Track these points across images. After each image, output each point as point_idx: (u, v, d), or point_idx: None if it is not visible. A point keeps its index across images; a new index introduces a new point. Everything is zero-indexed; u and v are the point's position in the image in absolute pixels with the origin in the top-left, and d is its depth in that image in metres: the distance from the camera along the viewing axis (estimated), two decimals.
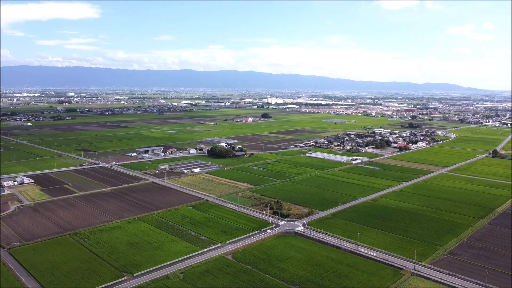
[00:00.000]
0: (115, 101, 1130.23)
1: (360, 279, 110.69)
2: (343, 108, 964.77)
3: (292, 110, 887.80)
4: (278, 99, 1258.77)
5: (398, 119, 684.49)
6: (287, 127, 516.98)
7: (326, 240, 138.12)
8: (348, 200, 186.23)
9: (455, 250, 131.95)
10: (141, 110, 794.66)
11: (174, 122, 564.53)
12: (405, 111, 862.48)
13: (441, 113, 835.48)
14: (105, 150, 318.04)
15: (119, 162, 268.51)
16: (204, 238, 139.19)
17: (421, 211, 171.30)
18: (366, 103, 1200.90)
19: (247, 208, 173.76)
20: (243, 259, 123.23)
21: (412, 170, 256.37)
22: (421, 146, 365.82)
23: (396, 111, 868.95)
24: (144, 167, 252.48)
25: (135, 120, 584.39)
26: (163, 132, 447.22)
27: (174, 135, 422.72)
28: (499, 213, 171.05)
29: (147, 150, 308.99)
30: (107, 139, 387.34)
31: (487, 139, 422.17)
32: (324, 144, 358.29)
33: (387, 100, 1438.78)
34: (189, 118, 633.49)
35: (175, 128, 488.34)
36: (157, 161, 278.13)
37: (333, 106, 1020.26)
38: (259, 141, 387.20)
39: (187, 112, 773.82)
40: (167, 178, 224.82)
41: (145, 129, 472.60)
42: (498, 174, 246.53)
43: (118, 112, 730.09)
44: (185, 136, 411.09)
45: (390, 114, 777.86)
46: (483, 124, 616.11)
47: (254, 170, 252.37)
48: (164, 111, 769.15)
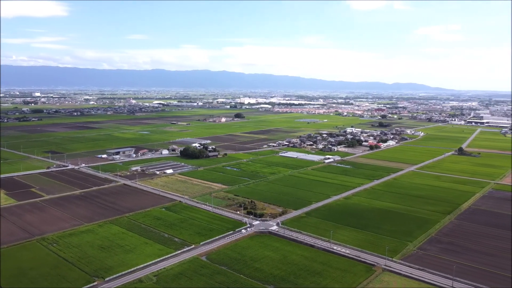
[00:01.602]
0: (84, 102, 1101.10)
1: (333, 276, 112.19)
2: (315, 107, 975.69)
3: (265, 110, 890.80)
4: (251, 99, 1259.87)
5: (368, 118, 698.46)
6: (260, 127, 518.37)
7: (300, 238, 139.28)
8: (321, 198, 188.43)
9: (424, 245, 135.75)
10: (111, 110, 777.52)
11: (145, 123, 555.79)
12: (375, 110, 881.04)
13: (410, 112, 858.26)
14: (74, 152, 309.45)
15: (88, 164, 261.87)
16: (177, 240, 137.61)
17: (392, 208, 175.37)
18: (338, 103, 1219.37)
19: (221, 208, 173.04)
20: (218, 260, 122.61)
21: (382, 168, 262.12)
22: (391, 145, 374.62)
23: (367, 110, 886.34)
24: (115, 168, 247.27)
25: (105, 121, 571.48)
26: (134, 133, 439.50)
27: (146, 136, 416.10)
28: (465, 208, 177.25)
29: (118, 151, 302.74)
30: (76, 140, 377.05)
31: (453, 137, 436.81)
32: (297, 144, 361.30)
33: (358, 99, 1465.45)
34: (161, 119, 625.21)
35: (147, 129, 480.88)
36: (128, 162, 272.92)
37: (305, 106, 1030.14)
38: (232, 141, 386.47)
39: (159, 112, 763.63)
40: (139, 179, 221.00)
41: (115, 130, 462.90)
42: (464, 171, 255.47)
43: (87, 113, 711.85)
44: (157, 137, 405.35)
45: (361, 114, 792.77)
46: (449, 122, 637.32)
47: (228, 170, 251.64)
48: (136, 112, 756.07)
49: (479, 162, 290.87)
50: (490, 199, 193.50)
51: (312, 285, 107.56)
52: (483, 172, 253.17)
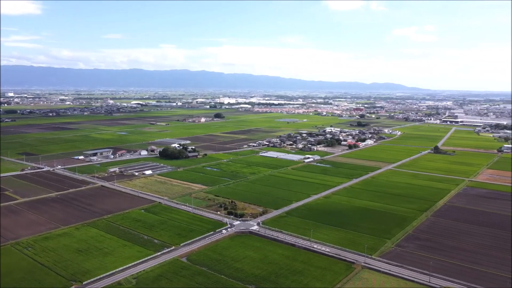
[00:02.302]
0: (59, 102, 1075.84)
1: (314, 275, 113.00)
2: (295, 107, 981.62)
3: (245, 110, 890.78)
4: (231, 99, 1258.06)
5: (347, 118, 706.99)
6: (240, 127, 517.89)
7: (281, 238, 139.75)
8: (302, 198, 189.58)
9: (402, 242, 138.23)
10: (88, 111, 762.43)
11: (123, 123, 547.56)
12: (354, 110, 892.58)
13: (387, 111, 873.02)
14: (50, 154, 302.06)
15: (65, 166, 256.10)
16: (157, 242, 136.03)
17: (370, 206, 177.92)
18: (317, 103, 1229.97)
19: (201, 209, 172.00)
20: (198, 261, 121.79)
21: (361, 167, 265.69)
22: (369, 144, 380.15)
23: (345, 110, 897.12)
24: (93, 170, 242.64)
25: (82, 122, 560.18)
26: (112, 134, 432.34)
27: (124, 137, 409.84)
28: (441, 205, 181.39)
29: (95, 152, 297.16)
30: (51, 142, 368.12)
31: (429, 136, 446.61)
32: (277, 143, 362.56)
33: (337, 99, 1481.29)
34: (139, 119, 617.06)
35: (125, 129, 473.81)
36: (106, 163, 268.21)
37: (285, 106, 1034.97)
38: (212, 141, 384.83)
39: (138, 113, 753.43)
40: (117, 181, 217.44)
41: (93, 131, 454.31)
42: (440, 169, 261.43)
43: (63, 114, 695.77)
44: (136, 138, 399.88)
45: (340, 113, 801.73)
46: (426, 122, 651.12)
47: (208, 171, 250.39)
48: (113, 112, 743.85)
49: (454, 160, 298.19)
50: (464, 196, 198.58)
51: (293, 284, 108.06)
52: (458, 170, 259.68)
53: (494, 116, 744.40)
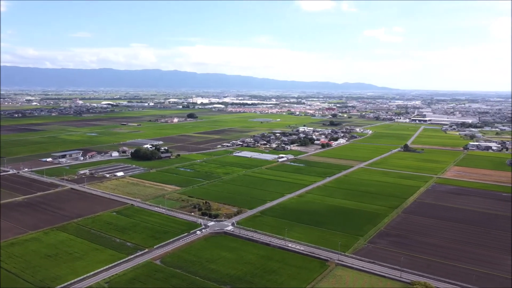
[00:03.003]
0: (26, 103, 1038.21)
1: (289, 274, 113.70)
2: (268, 107, 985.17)
3: (219, 110, 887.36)
4: (204, 99, 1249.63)
5: (320, 117, 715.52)
6: (214, 127, 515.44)
7: (256, 238, 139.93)
8: (276, 197, 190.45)
9: (374, 239, 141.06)
10: (56, 111, 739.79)
11: (94, 124, 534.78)
12: (326, 109, 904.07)
13: (359, 111, 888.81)
14: (16, 156, 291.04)
15: (32, 169, 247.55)
16: (130, 245, 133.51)
17: (343, 204, 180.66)
18: (290, 102, 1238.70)
19: (175, 210, 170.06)
20: (172, 263, 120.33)
21: (334, 165, 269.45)
22: (341, 143, 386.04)
23: (318, 109, 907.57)
24: (62, 172, 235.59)
25: (49, 123, 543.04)
26: (82, 135, 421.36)
27: (94, 138, 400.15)
28: (411, 202, 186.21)
29: (64, 154, 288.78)
30: (17, 143, 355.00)
31: (399, 135, 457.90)
32: (251, 143, 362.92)
33: (309, 99, 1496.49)
34: (110, 120, 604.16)
35: (95, 130, 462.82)
36: (76, 165, 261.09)
37: (259, 106, 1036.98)
38: (185, 141, 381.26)
39: (108, 113, 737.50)
40: (87, 183, 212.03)
41: (61, 132, 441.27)
42: (409, 167, 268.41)
43: (29, 115, 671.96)
44: (107, 139, 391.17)
45: (312, 113, 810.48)
46: (395, 120, 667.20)
47: (181, 172, 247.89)
48: (83, 113, 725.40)
49: (422, 157, 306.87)
50: (433, 192, 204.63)
51: (269, 283, 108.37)
52: (426, 167, 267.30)
53: (460, 115, 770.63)
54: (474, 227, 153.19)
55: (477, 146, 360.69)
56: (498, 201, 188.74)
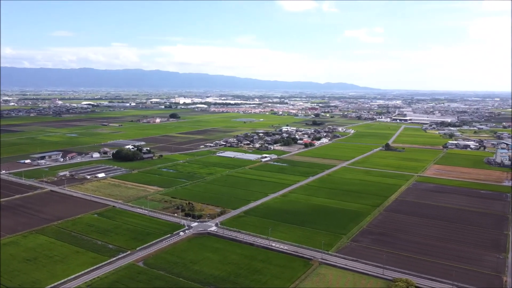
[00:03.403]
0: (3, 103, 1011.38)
1: (273, 273, 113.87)
2: (251, 107, 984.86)
3: (202, 110, 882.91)
4: (186, 99, 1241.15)
5: (303, 117, 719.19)
6: (196, 127, 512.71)
7: (239, 238, 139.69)
8: (259, 197, 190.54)
9: (357, 237, 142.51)
10: (34, 112, 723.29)
11: (74, 125, 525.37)
12: (309, 109, 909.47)
13: (341, 110, 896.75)
14: None
15: (10, 171, 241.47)
16: (112, 247, 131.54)
17: (326, 203, 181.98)
18: (273, 102, 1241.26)
19: (157, 212, 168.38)
20: (155, 264, 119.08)
21: (317, 165, 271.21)
22: (324, 142, 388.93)
23: (301, 109, 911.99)
24: (41, 174, 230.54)
25: (28, 124, 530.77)
26: (61, 136, 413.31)
27: (75, 139, 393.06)
28: (392, 200, 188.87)
29: (43, 155, 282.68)
30: None
31: (381, 134, 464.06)
32: (234, 143, 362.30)
33: (292, 99, 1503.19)
34: (91, 120, 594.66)
35: (76, 131, 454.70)
36: (55, 167, 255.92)
37: (242, 105, 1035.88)
38: (168, 142, 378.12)
39: (89, 114, 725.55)
40: (67, 185, 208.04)
41: (40, 133, 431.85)
42: (391, 165, 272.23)
43: (7, 115, 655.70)
44: (87, 140, 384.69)
45: (295, 113, 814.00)
46: (377, 120, 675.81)
47: (164, 172, 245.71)
48: (62, 113, 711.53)
49: (403, 156, 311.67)
50: (414, 190, 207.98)
51: (253, 283, 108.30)
52: (407, 166, 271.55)
53: (439, 114, 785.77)
54: (454, 224, 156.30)
55: (456, 144, 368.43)
56: (476, 199, 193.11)
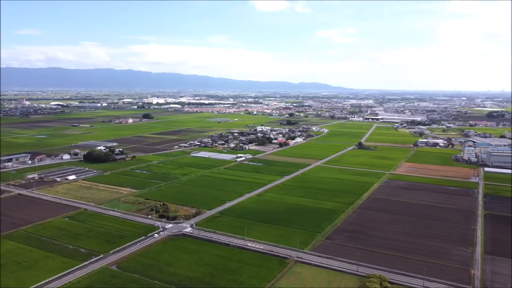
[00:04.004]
0: None
1: (249, 273, 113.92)
2: (226, 107, 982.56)
3: (175, 110, 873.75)
4: (159, 99, 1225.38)
5: (277, 116, 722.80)
6: (170, 127, 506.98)
7: (215, 238, 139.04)
8: (235, 197, 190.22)
9: (332, 235, 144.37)
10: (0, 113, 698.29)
11: (42, 126, 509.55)
12: (283, 109, 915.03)
13: (315, 110, 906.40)
14: None
15: None
16: (84, 251, 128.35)
17: (302, 202, 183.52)
18: (248, 102, 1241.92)
19: (131, 214, 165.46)
20: (130, 268, 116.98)
21: (292, 164, 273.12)
22: (299, 142, 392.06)
23: (275, 109, 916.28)
24: (8, 177, 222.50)
25: None
26: (29, 137, 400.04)
27: (44, 140, 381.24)
28: (365, 198, 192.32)
29: (10, 158, 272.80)
30: None
31: (354, 133, 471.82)
32: (209, 143, 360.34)
33: (267, 98, 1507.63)
34: (60, 121, 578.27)
35: (45, 132, 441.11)
36: (23, 170, 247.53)
37: (216, 105, 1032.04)
38: (141, 142, 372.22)
39: (58, 114, 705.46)
40: (36, 188, 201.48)
41: (6, 135, 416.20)
42: (364, 164, 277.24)
43: None
44: (57, 141, 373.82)
45: (270, 112, 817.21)
46: (350, 119, 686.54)
47: (137, 174, 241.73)
48: (30, 114, 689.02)
49: (376, 155, 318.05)
50: (386, 188, 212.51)
51: (229, 283, 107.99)
52: (379, 164, 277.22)
53: (410, 113, 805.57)
54: (424, 220, 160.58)
55: (425, 143, 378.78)
56: (445, 195, 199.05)
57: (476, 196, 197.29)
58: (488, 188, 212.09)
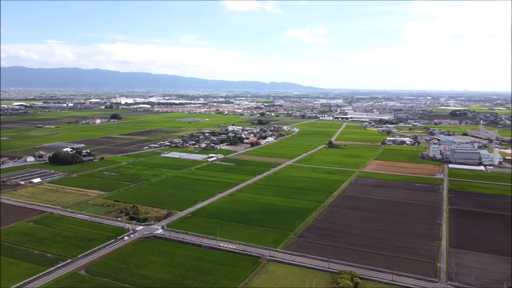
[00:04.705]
0: None
1: (221, 273, 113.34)
2: (196, 107, 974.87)
3: (145, 110, 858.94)
4: (128, 99, 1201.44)
5: (248, 116, 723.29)
6: (140, 128, 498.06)
7: (187, 239, 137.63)
8: (207, 197, 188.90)
9: (304, 233, 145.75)
10: None
11: (4, 127, 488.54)
12: (254, 108, 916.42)
13: (286, 109, 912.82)
14: None
15: None
16: (50, 256, 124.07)
17: (274, 201, 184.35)
18: (219, 102, 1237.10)
19: (100, 216, 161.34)
20: (99, 272, 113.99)
21: (263, 163, 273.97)
22: (270, 141, 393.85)
23: (246, 109, 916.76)
24: None
25: None
26: None
27: (6, 142, 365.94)
28: (336, 196, 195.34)
29: None
30: None
31: (324, 132, 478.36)
32: (179, 144, 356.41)
33: (238, 98, 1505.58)
34: (23, 122, 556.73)
35: (7, 134, 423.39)
36: None
37: (186, 105, 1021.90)
38: (110, 143, 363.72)
39: (21, 115, 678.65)
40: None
41: None
42: (334, 162, 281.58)
43: None
44: (20, 143, 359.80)
45: (241, 112, 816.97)
46: (320, 118, 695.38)
47: (106, 175, 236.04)
48: None
49: (345, 153, 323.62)
50: (356, 186, 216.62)
51: (201, 284, 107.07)
52: (349, 162, 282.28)
53: (378, 112, 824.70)
54: (393, 217, 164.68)
55: (393, 141, 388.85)
56: (413, 191, 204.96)
57: (441, 192, 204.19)
58: (452, 184, 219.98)
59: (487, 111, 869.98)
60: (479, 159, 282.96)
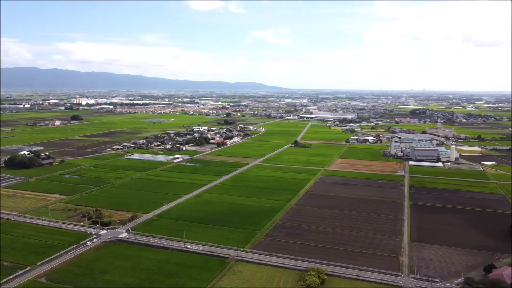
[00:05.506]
0: None
1: (189, 275, 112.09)
2: (161, 107, 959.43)
3: (107, 111, 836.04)
4: (89, 100, 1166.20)
5: (214, 116, 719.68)
6: (102, 129, 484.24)
7: (153, 242, 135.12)
8: (173, 199, 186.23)
9: (271, 232, 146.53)
10: None
11: None
12: (220, 108, 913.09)
13: (252, 109, 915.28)
14: None
15: None
16: (7, 264, 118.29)
17: (241, 201, 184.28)
18: (184, 102, 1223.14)
19: (60, 221, 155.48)
20: (60, 279, 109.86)
21: (230, 163, 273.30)
22: (236, 141, 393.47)
23: (212, 109, 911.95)
24: None
25: None
26: None
27: None
28: (302, 194, 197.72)
29: None
30: None
31: (290, 131, 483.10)
32: (144, 145, 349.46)
33: (203, 98, 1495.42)
34: None
35: None
36: None
37: (150, 106, 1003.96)
38: (70, 146, 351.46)
39: None
40: None
41: None
42: (300, 161, 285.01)
43: None
44: None
45: (207, 112, 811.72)
46: (285, 118, 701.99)
47: (66, 179, 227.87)
48: None
49: (311, 152, 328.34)
50: (321, 184, 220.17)
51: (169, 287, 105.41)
52: (314, 161, 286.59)
53: (341, 112, 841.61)
54: (358, 213, 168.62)
55: (356, 139, 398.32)
56: (376, 188, 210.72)
57: (403, 188, 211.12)
58: (412, 180, 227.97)
59: (444, 109, 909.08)
60: (437, 156, 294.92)
